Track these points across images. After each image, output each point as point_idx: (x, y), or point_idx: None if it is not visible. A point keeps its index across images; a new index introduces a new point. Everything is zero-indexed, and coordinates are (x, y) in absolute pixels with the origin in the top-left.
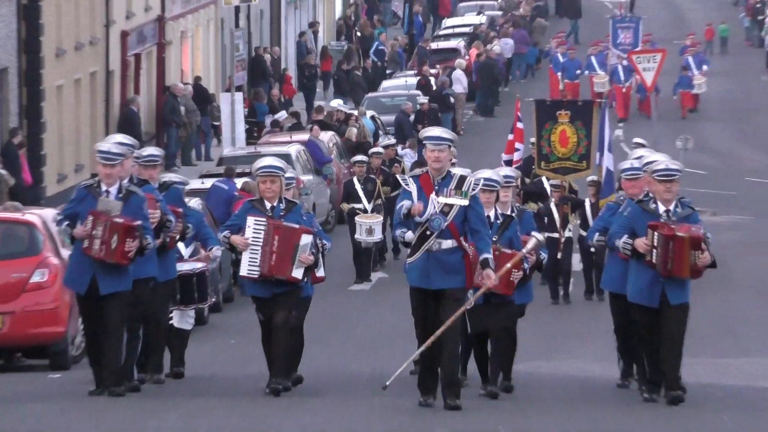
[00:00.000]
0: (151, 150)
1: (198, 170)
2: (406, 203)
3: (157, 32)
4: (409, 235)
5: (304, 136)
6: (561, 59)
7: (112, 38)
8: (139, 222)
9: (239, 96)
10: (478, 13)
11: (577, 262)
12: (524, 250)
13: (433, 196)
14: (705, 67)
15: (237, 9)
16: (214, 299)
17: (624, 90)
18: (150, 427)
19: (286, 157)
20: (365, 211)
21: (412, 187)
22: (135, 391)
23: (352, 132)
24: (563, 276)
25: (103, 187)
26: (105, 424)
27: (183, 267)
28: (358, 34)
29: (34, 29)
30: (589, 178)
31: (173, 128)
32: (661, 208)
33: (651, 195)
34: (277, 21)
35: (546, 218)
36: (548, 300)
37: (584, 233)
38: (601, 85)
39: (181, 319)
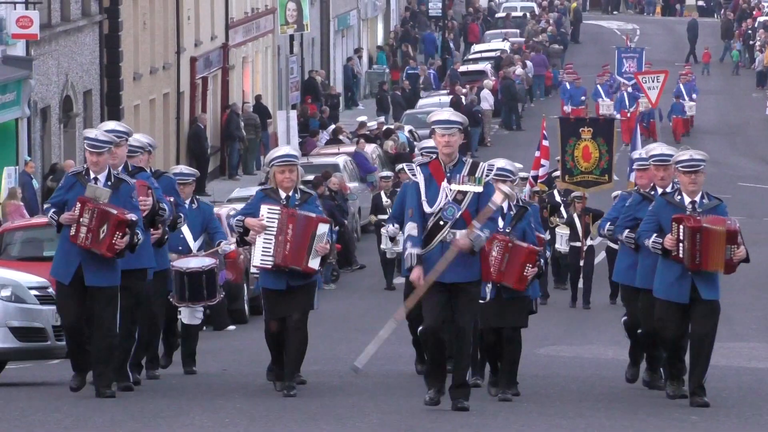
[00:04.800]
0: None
1: (258, 179)
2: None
3: (222, 58)
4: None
5: (351, 148)
6: (568, 87)
7: (182, 63)
8: (134, 218)
9: (293, 113)
10: (503, 40)
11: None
12: (490, 203)
13: (444, 183)
14: (694, 96)
15: (291, 37)
16: (223, 295)
17: (629, 115)
18: (217, 403)
19: (334, 167)
20: None
21: (420, 177)
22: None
23: (389, 145)
24: (584, 282)
25: (92, 175)
26: (176, 403)
27: (191, 264)
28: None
29: (115, 56)
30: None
31: (236, 142)
32: (687, 200)
33: (655, 186)
34: (327, 47)
35: (569, 228)
36: (568, 302)
37: (613, 245)
38: (606, 107)
39: (190, 315)
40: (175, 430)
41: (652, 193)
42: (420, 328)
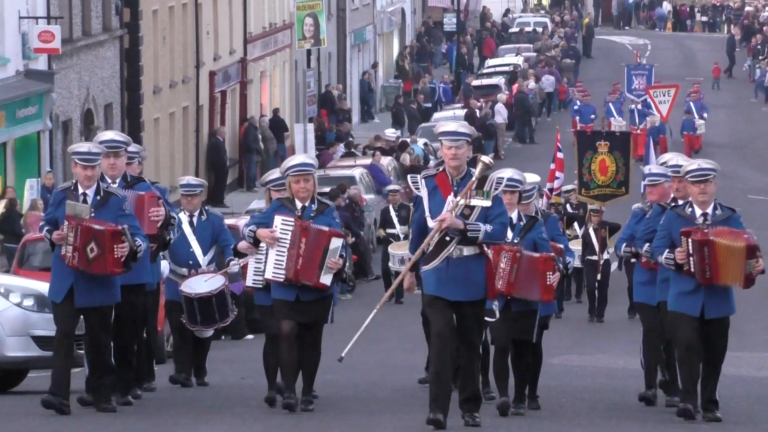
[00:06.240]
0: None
1: None
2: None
3: (240, 72)
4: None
5: (367, 161)
6: (578, 104)
7: (201, 77)
8: (124, 225)
9: (310, 126)
10: (516, 55)
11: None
12: (474, 175)
13: (451, 197)
14: (705, 115)
15: (309, 51)
16: (235, 313)
17: (639, 131)
18: (235, 411)
19: (350, 179)
20: (398, 237)
21: (423, 191)
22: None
23: (406, 158)
24: (600, 296)
25: (80, 190)
26: (194, 411)
27: (201, 288)
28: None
29: (135, 70)
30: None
31: (253, 155)
32: (698, 212)
33: (673, 199)
34: (343, 62)
35: (583, 243)
36: (581, 314)
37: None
38: (618, 126)
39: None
40: None
41: (673, 204)
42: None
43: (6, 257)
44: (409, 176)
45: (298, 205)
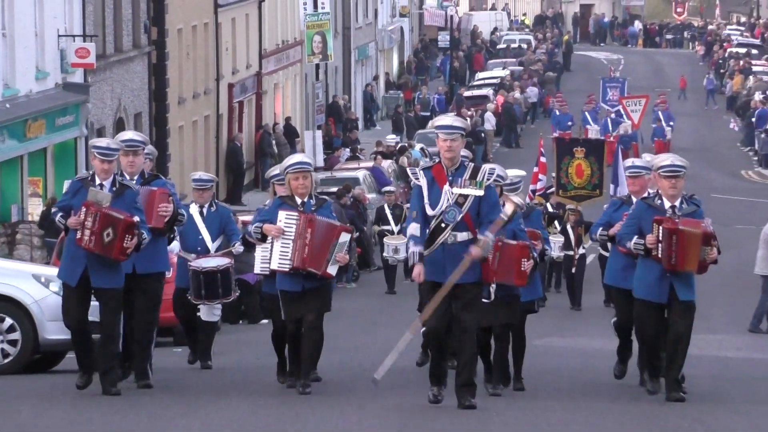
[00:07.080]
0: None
1: None
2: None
3: (256, 84)
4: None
5: (369, 164)
6: (557, 114)
7: (221, 89)
8: (137, 218)
9: (319, 133)
10: (503, 68)
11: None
12: (501, 214)
13: (446, 187)
14: (671, 122)
15: (317, 66)
16: (238, 293)
17: (612, 139)
18: (252, 388)
19: (354, 180)
20: (393, 232)
21: (423, 181)
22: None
23: (404, 161)
24: (576, 286)
25: (98, 181)
26: (215, 389)
27: (209, 263)
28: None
29: (162, 82)
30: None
31: (268, 159)
32: (667, 204)
33: (657, 192)
34: (348, 75)
35: (563, 237)
36: (567, 305)
37: (605, 253)
38: (594, 132)
39: (208, 312)
40: (215, 412)
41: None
42: (423, 329)
43: (47, 250)
44: (408, 168)
45: (298, 201)
